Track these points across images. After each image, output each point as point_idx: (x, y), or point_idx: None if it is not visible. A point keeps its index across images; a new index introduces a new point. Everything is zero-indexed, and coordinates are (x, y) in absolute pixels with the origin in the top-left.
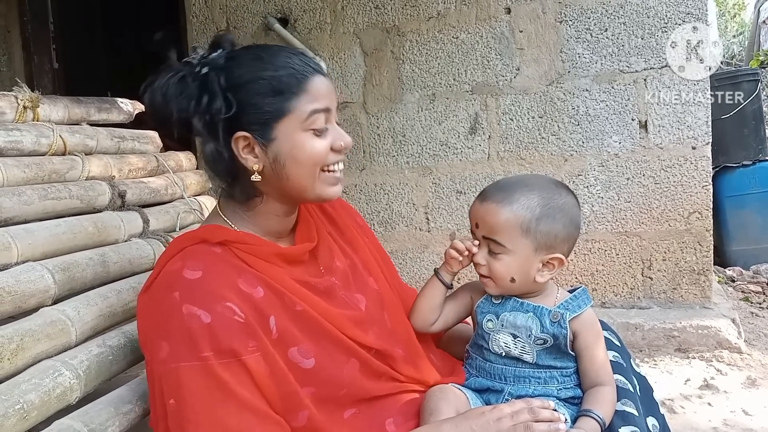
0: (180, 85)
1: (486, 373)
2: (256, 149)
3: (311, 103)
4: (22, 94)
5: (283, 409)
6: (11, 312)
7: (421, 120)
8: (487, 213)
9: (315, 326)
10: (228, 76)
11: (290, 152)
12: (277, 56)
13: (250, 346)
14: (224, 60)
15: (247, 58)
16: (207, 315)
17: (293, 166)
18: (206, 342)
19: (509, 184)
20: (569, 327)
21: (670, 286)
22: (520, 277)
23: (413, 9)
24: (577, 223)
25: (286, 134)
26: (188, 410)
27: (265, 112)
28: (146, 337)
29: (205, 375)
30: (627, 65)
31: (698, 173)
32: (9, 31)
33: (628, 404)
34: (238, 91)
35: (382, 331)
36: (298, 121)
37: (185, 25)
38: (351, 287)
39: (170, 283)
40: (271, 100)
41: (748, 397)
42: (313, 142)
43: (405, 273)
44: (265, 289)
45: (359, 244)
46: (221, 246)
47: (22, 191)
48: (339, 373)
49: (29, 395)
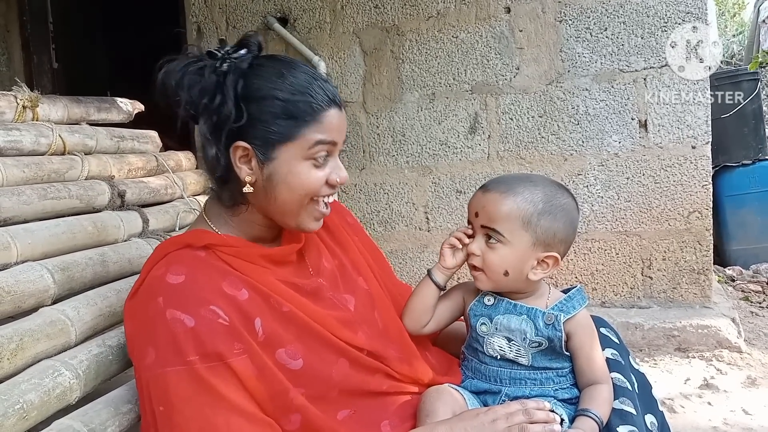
0: (197, 76)
1: (482, 375)
2: (253, 163)
3: (320, 133)
4: (22, 93)
5: (274, 411)
6: (11, 312)
7: (420, 119)
8: (489, 202)
9: (302, 327)
10: (246, 84)
11: (285, 176)
12: (299, 78)
13: (236, 348)
14: (247, 65)
15: (269, 72)
16: (191, 319)
17: (284, 190)
18: (191, 346)
19: (513, 178)
20: (563, 328)
21: (670, 285)
22: (513, 271)
23: (413, 8)
24: (576, 226)
25: (286, 158)
26: (177, 415)
27: (273, 132)
28: (133, 344)
29: (192, 379)
30: (627, 65)
31: (698, 172)
32: (8, 31)
33: (626, 403)
34: (252, 103)
35: (372, 331)
36: (301, 149)
37: (184, 25)
38: (339, 288)
39: (154, 289)
40: (281, 122)
41: (748, 397)
42: (311, 172)
43: (404, 273)
44: (249, 291)
45: (348, 243)
46: (205, 250)
47: (22, 191)
48: (328, 372)
49: (29, 395)
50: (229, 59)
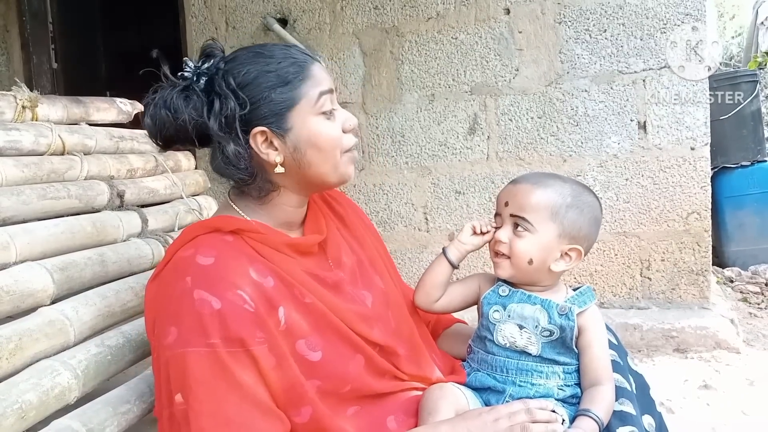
0: (184, 96)
1: (488, 365)
2: (275, 142)
3: (317, 86)
4: (21, 93)
5: (286, 403)
6: (10, 311)
7: (420, 120)
8: (520, 192)
9: (323, 319)
10: (234, 76)
11: (309, 139)
12: (274, 50)
13: (258, 336)
14: (224, 63)
15: (248, 57)
16: (218, 301)
17: (314, 152)
18: (215, 328)
19: (543, 174)
20: (576, 321)
21: (668, 286)
22: (537, 261)
23: (412, 9)
24: (599, 225)
25: (300, 121)
26: (191, 397)
27: (278, 103)
28: (154, 324)
29: (212, 362)
30: (626, 66)
31: (697, 174)
32: (8, 31)
33: (625, 404)
34: (247, 88)
35: (386, 328)
36: (308, 106)
37: (184, 26)
38: (358, 283)
39: (182, 269)
40: (281, 91)
41: (746, 398)
42: (327, 125)
43: (404, 273)
44: (275, 279)
45: (365, 241)
46: (233, 235)
47: (21, 191)
48: (345, 367)
49: (27, 395)
50: (201, 71)
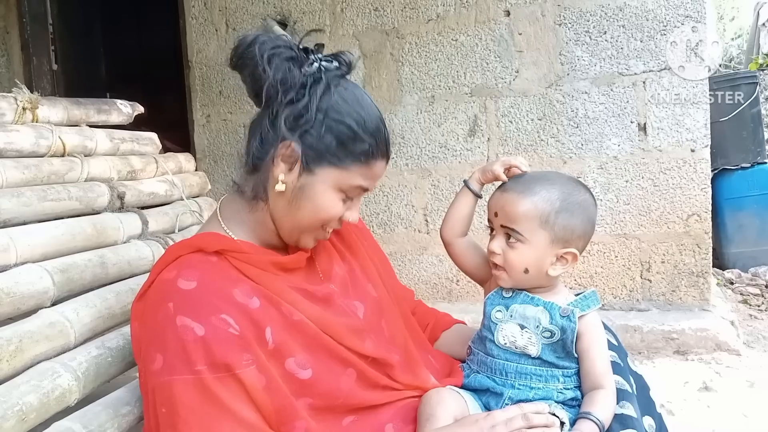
0: (287, 62)
1: (487, 367)
2: (294, 167)
3: (364, 179)
4: (22, 95)
5: (278, 421)
6: (10, 313)
7: (420, 122)
8: (507, 202)
9: (312, 337)
10: (330, 95)
11: (314, 197)
12: (374, 118)
13: (245, 359)
14: (338, 77)
15: (352, 97)
16: (201, 327)
17: (309, 207)
18: (200, 355)
19: (531, 178)
20: (577, 323)
21: (668, 288)
22: (533, 269)
23: (412, 11)
24: (594, 221)
25: (324, 179)
26: (181, 424)
27: (328, 152)
28: (140, 347)
29: (199, 389)
30: (626, 68)
31: (697, 176)
32: (8, 32)
33: (626, 406)
34: (326, 117)
35: (379, 339)
36: (342, 180)
37: (184, 27)
38: (349, 294)
39: (165, 293)
40: (340, 149)
41: (747, 400)
42: (336, 203)
43: (404, 275)
44: (261, 300)
45: (358, 248)
46: (217, 255)
47: (21, 192)
48: (336, 383)
49: (28, 397)
50: (321, 60)
